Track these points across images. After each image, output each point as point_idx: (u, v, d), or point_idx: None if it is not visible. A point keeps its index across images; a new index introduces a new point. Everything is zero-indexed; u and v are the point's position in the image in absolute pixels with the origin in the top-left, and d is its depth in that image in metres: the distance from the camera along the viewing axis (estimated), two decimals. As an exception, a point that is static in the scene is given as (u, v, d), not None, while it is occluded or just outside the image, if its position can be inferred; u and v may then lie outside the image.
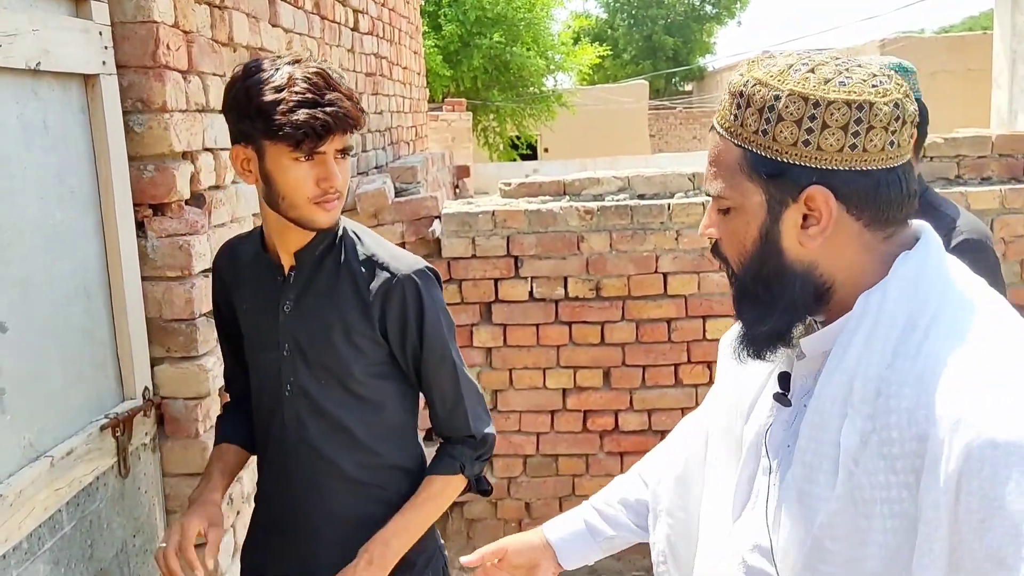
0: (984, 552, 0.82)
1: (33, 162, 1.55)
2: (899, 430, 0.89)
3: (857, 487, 0.91)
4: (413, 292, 1.55)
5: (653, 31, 30.59)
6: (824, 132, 0.93)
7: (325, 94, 1.43)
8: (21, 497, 1.43)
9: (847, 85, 0.94)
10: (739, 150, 0.98)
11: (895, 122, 0.95)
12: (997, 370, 0.87)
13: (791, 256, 0.99)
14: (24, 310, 1.51)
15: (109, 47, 1.77)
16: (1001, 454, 0.81)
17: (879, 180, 0.95)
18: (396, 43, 5.11)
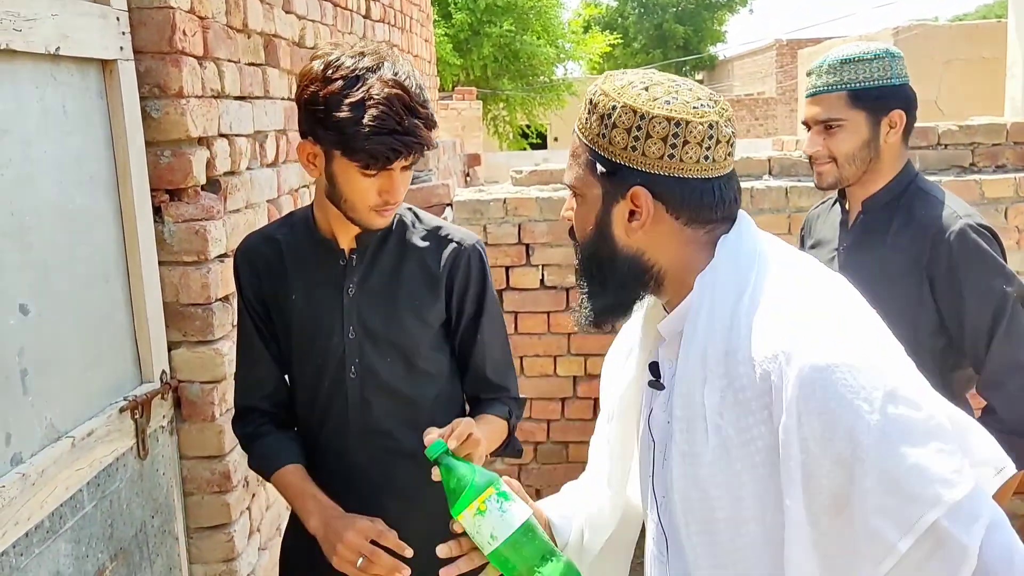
0: (830, 460, 0.97)
1: (52, 146, 1.57)
2: (747, 378, 1.04)
3: (725, 437, 1.06)
4: (477, 261, 1.66)
5: (664, 19, 30.44)
6: (647, 141, 1.09)
7: (404, 120, 1.41)
8: (43, 477, 1.46)
9: (671, 104, 1.09)
10: (587, 149, 1.14)
11: (708, 140, 1.10)
12: (811, 310, 1.04)
13: (620, 243, 1.14)
14: (45, 293, 1.53)
15: (127, 32, 1.78)
16: (826, 375, 0.97)
17: (695, 187, 1.10)
18: (407, 31, 5.11)
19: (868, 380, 0.97)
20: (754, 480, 1.04)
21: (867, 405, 0.96)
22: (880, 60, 1.84)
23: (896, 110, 1.85)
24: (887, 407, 0.96)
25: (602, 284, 1.17)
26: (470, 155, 6.66)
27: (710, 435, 1.06)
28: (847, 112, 1.85)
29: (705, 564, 1.11)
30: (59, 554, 1.51)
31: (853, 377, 0.97)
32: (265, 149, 2.39)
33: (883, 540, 0.95)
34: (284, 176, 2.55)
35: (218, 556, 2.04)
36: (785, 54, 22.54)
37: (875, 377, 0.97)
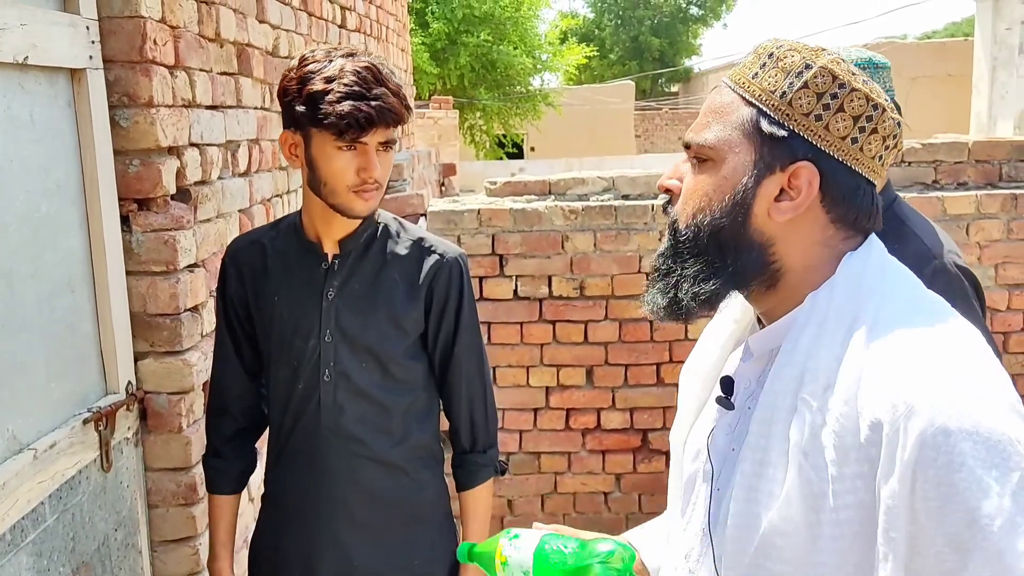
0: (943, 539, 0.83)
1: (19, 155, 1.56)
2: (851, 420, 0.88)
3: (807, 481, 0.90)
4: (458, 274, 1.67)
5: (640, 32, 30.68)
6: (838, 115, 0.95)
7: (372, 88, 1.49)
8: (4, 489, 1.44)
9: (869, 84, 0.97)
10: (748, 107, 0.97)
11: (892, 139, 0.97)
12: (944, 360, 0.87)
13: (755, 224, 0.98)
14: (9, 302, 1.51)
15: (96, 41, 1.77)
16: (954, 441, 0.82)
17: (860, 185, 0.97)
18: (383, 40, 5.11)
19: (1004, 457, 0.82)
20: (835, 537, 0.90)
21: (998, 486, 0.81)
22: (861, 71, 1.75)
23: None
24: (1020, 493, 0.81)
25: (716, 269, 0.99)
26: (445, 165, 6.66)
27: (789, 474, 0.91)
28: None
29: None
30: (20, 568, 1.49)
31: (987, 450, 0.82)
32: (237, 158, 2.38)
33: None
34: (256, 186, 2.54)
35: (183, 569, 2.02)
36: (759, 68, 22.72)
37: (1013, 455, 0.82)
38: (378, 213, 1.69)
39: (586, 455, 3.83)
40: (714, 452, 1.04)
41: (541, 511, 3.84)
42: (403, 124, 1.56)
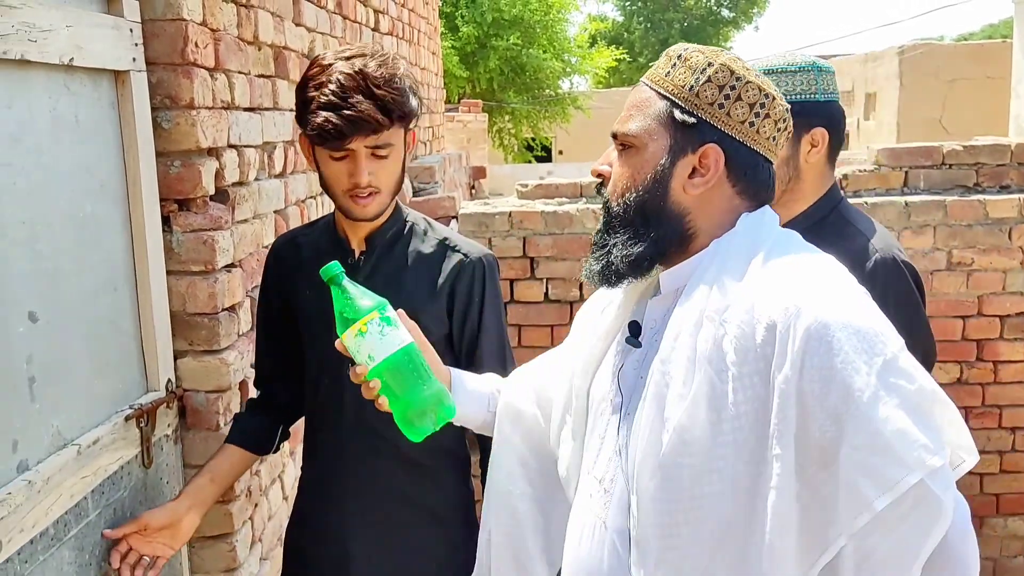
0: (824, 414, 1.01)
1: (64, 156, 1.58)
2: (749, 327, 1.06)
3: (710, 384, 1.07)
4: (481, 274, 1.69)
5: (669, 34, 30.55)
6: (736, 103, 1.13)
7: (350, 97, 1.50)
8: (49, 484, 1.46)
9: (761, 77, 1.17)
10: (663, 100, 1.16)
11: (782, 122, 1.17)
12: (823, 277, 1.10)
13: (674, 198, 1.17)
14: (54, 301, 1.54)
15: (139, 44, 1.80)
16: (833, 332, 1.01)
17: (759, 162, 1.17)
18: (415, 44, 5.14)
19: (870, 344, 1.02)
20: (734, 429, 1.06)
21: (866, 367, 1.00)
22: (804, 73, 1.69)
23: (818, 128, 1.69)
24: (884, 372, 1.00)
25: (641, 236, 1.17)
26: (475, 168, 6.68)
27: (696, 378, 1.08)
28: None
29: (657, 510, 1.10)
30: (63, 562, 1.52)
31: (858, 339, 1.01)
32: (273, 160, 2.41)
33: (862, 497, 0.99)
34: (291, 187, 2.56)
35: (220, 566, 2.04)
36: (790, 71, 22.55)
37: (878, 344, 1.02)
38: (407, 211, 1.72)
39: (617, 458, 3.82)
40: (624, 385, 1.21)
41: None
42: (386, 130, 1.55)
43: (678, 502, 1.09)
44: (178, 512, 1.67)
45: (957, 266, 3.55)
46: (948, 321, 3.59)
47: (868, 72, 13.40)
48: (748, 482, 1.06)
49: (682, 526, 1.09)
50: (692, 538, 1.08)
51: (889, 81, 12.55)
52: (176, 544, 1.66)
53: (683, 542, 1.09)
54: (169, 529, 1.64)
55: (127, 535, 1.61)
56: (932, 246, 3.53)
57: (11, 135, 1.43)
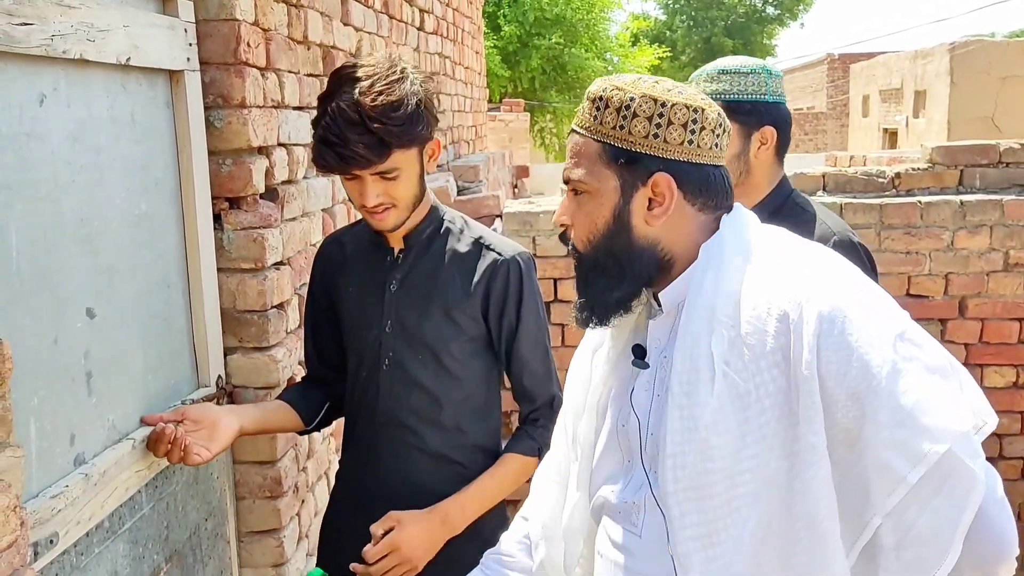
0: (845, 394, 1.02)
1: (121, 154, 1.61)
2: (761, 322, 1.07)
3: (732, 385, 1.08)
4: (516, 274, 1.69)
5: (712, 33, 30.26)
6: (669, 128, 1.14)
7: (345, 132, 1.51)
8: (104, 477, 1.48)
9: (684, 95, 1.16)
10: (598, 144, 1.17)
11: (719, 127, 1.17)
12: (823, 265, 1.12)
13: (638, 233, 1.17)
14: (110, 297, 1.56)
15: (193, 44, 1.82)
16: (845, 312, 1.03)
17: (709, 173, 1.17)
18: (459, 43, 5.15)
19: (881, 320, 1.04)
20: (760, 426, 1.07)
21: (880, 342, 1.02)
22: (755, 75, 1.81)
23: (767, 126, 1.80)
24: (898, 345, 1.02)
25: (618, 278, 1.18)
26: (518, 167, 6.67)
27: (716, 383, 1.08)
28: None
29: (692, 523, 1.10)
30: (117, 554, 1.54)
31: (868, 316, 1.04)
32: (321, 159, 2.42)
33: (894, 472, 1.00)
34: (339, 186, 2.58)
35: (268, 561, 2.06)
36: (836, 68, 22.25)
37: (886, 319, 1.05)
38: (444, 211, 1.75)
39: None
40: (638, 407, 1.22)
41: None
42: (384, 161, 1.54)
43: (715, 509, 1.08)
44: (217, 411, 1.64)
45: (1014, 267, 3.46)
46: (1004, 324, 3.50)
47: (918, 69, 13.14)
48: (782, 476, 1.06)
49: (722, 532, 1.08)
50: (735, 544, 1.07)
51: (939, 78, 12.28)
52: (212, 446, 1.58)
53: (726, 549, 1.08)
54: (207, 430, 1.59)
55: (167, 433, 1.55)
56: (988, 246, 3.45)
57: (70, 134, 1.45)
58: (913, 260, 3.45)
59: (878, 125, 14.81)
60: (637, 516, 1.20)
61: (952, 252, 3.45)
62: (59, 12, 1.37)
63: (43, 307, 1.37)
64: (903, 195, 3.57)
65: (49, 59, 1.38)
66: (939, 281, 3.46)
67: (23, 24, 1.28)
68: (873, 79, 15.22)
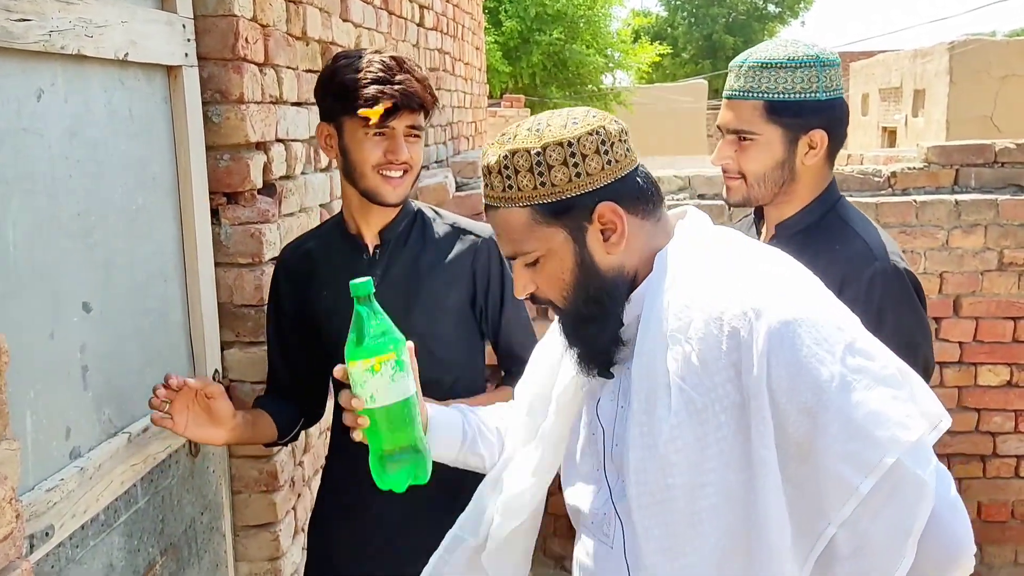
0: (796, 410, 1.03)
1: (119, 149, 1.61)
2: (713, 339, 1.08)
3: (689, 400, 1.09)
4: (496, 253, 1.74)
5: (714, 30, 30.23)
6: (586, 161, 1.13)
7: (396, 75, 1.59)
8: (100, 471, 1.49)
9: (580, 121, 1.15)
10: (526, 209, 1.15)
11: (623, 133, 1.17)
12: (774, 275, 1.12)
13: (605, 268, 1.17)
14: (107, 292, 1.57)
15: (192, 39, 1.82)
16: (793, 328, 1.04)
17: (634, 180, 1.17)
18: (459, 39, 5.15)
19: (830, 333, 1.05)
20: (718, 440, 1.08)
21: (830, 356, 1.03)
22: (806, 69, 1.57)
23: (817, 130, 1.58)
24: (847, 358, 1.03)
25: (603, 318, 1.19)
26: (517, 163, 6.66)
27: (673, 399, 1.10)
28: (761, 125, 1.59)
29: (656, 536, 1.12)
30: (113, 547, 1.55)
31: (817, 330, 1.04)
32: (319, 154, 2.43)
33: (846, 483, 1.02)
34: (336, 181, 2.58)
35: (263, 554, 2.07)
36: (837, 67, 22.19)
37: (835, 330, 1.05)
38: (413, 203, 1.78)
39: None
40: (603, 416, 1.23)
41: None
42: (429, 110, 1.64)
43: (678, 523, 1.11)
44: (229, 418, 1.60)
45: (1008, 266, 3.47)
46: (998, 323, 3.51)
47: (917, 68, 13.14)
48: (741, 489, 1.08)
49: (686, 544, 1.11)
50: (698, 556, 1.10)
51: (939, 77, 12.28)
52: (192, 430, 1.55)
53: (691, 561, 1.11)
54: (207, 418, 1.56)
55: (191, 386, 1.53)
56: (983, 246, 3.45)
57: (68, 129, 1.46)
58: (908, 259, 3.43)
59: (877, 124, 14.81)
60: (609, 527, 1.22)
61: (947, 251, 3.46)
62: (57, 8, 1.38)
63: (40, 301, 1.38)
64: (899, 194, 3.58)
65: (47, 55, 1.38)
66: (934, 280, 3.47)
67: (21, 20, 1.29)
68: (873, 78, 15.22)
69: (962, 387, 3.57)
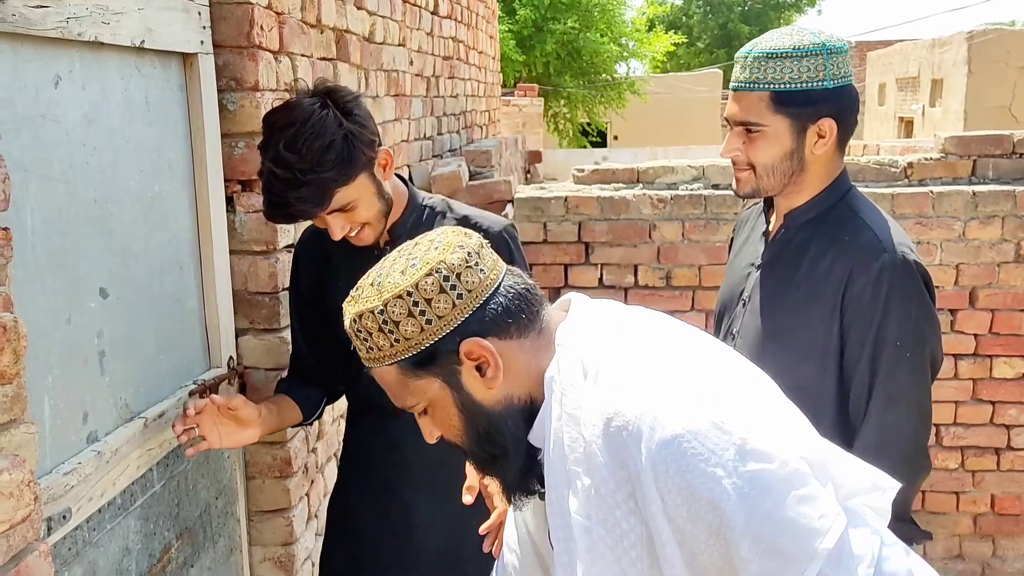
0: (704, 533, 0.98)
1: (135, 136, 1.62)
2: (607, 470, 1.02)
3: (599, 538, 1.03)
4: (505, 245, 1.73)
5: (729, 19, 30.02)
6: (432, 304, 1.06)
7: (283, 194, 1.55)
8: (117, 455, 1.51)
9: (418, 263, 1.07)
10: (394, 366, 1.10)
11: (473, 255, 1.09)
12: (647, 386, 1.02)
13: (490, 404, 1.11)
14: (123, 278, 1.58)
15: (207, 27, 1.83)
16: (674, 450, 0.97)
17: (497, 302, 1.09)
18: (473, 27, 5.14)
19: (716, 442, 0.97)
20: (638, 573, 1.03)
21: (721, 470, 0.96)
22: (812, 58, 1.54)
23: (826, 119, 1.56)
24: (739, 466, 0.96)
25: (504, 454, 1.13)
26: (531, 152, 6.65)
27: (584, 538, 1.04)
28: (768, 116, 1.57)
29: None
30: (129, 530, 1.57)
31: (700, 443, 0.97)
32: (333, 142, 2.43)
33: None
34: (350, 169, 2.59)
35: (277, 539, 2.09)
36: (854, 56, 22.02)
37: (722, 436, 0.98)
38: (423, 196, 1.79)
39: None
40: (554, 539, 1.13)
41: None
42: (327, 207, 1.57)
43: None
44: (257, 419, 1.68)
45: (1026, 259, 3.44)
46: (1014, 315, 3.49)
47: (935, 58, 13.01)
48: None
49: None
50: None
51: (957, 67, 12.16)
52: (227, 441, 1.64)
53: None
54: (238, 425, 1.64)
55: (215, 402, 1.61)
56: (1000, 237, 3.43)
57: (85, 116, 1.47)
58: (924, 250, 3.43)
59: (894, 113, 14.70)
60: None
61: (963, 242, 3.44)
62: (74, -5, 1.38)
63: (58, 287, 1.39)
64: (915, 185, 3.56)
65: (64, 41, 1.39)
66: (950, 271, 3.45)
67: (39, 6, 1.29)
68: (890, 67, 15.09)
69: (977, 379, 3.55)
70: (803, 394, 1.62)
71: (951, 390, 3.53)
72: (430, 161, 3.82)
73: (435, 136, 4.02)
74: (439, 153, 4.09)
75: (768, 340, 1.65)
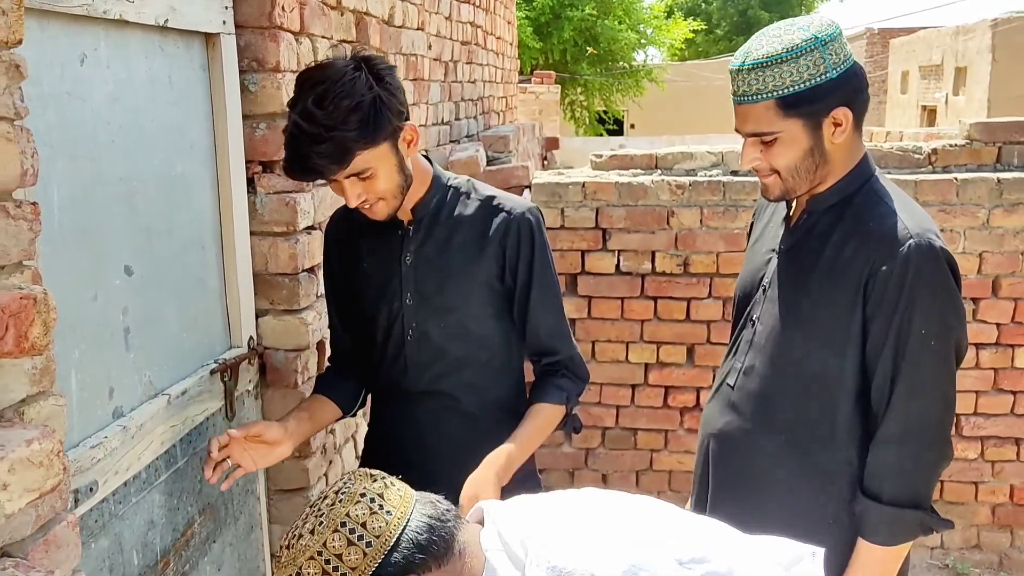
0: None
1: (158, 116, 1.63)
2: None
3: None
4: (527, 229, 1.72)
5: (749, 5, 29.75)
6: (343, 558, 1.13)
7: (302, 149, 1.52)
8: (141, 431, 1.53)
9: (324, 523, 1.16)
10: None
11: (376, 501, 1.17)
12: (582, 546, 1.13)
13: None
14: (147, 256, 1.60)
15: (229, 7, 1.83)
16: None
17: (402, 555, 1.14)
18: (491, 12, 5.12)
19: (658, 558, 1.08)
20: None
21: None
22: (808, 55, 1.50)
23: (839, 108, 1.53)
24: (692, 571, 1.08)
25: None
26: (548, 139, 6.65)
27: None
28: (780, 122, 1.54)
29: None
30: (153, 505, 1.59)
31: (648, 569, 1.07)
32: (353, 125, 2.43)
33: None
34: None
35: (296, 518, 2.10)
36: (876, 43, 21.82)
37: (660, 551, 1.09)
38: (447, 176, 1.78)
39: (684, 434, 3.79)
40: None
41: (636, 486, 3.83)
42: (346, 167, 1.54)
43: None
44: (285, 436, 1.70)
45: (1050, 247, 3.40)
46: (1038, 304, 3.46)
47: (959, 46, 12.86)
48: None
49: None
50: None
51: (981, 55, 12.02)
52: (262, 462, 1.68)
53: None
54: (268, 446, 1.67)
55: (234, 436, 1.62)
56: (1024, 225, 3.39)
57: (110, 94, 1.48)
58: (947, 238, 3.40)
59: (917, 102, 14.55)
60: None
61: (987, 230, 3.41)
62: (100, -27, 1.39)
63: (83, 263, 1.41)
64: (939, 172, 3.52)
65: (90, 19, 1.40)
66: (973, 260, 3.42)
67: (65, -16, 1.30)
68: (913, 55, 14.92)
69: (998, 369, 3.52)
70: (821, 382, 1.61)
71: (972, 379, 3.50)
72: (448, 146, 3.82)
73: (453, 121, 4.01)
74: (457, 138, 4.09)
75: (788, 327, 1.64)
